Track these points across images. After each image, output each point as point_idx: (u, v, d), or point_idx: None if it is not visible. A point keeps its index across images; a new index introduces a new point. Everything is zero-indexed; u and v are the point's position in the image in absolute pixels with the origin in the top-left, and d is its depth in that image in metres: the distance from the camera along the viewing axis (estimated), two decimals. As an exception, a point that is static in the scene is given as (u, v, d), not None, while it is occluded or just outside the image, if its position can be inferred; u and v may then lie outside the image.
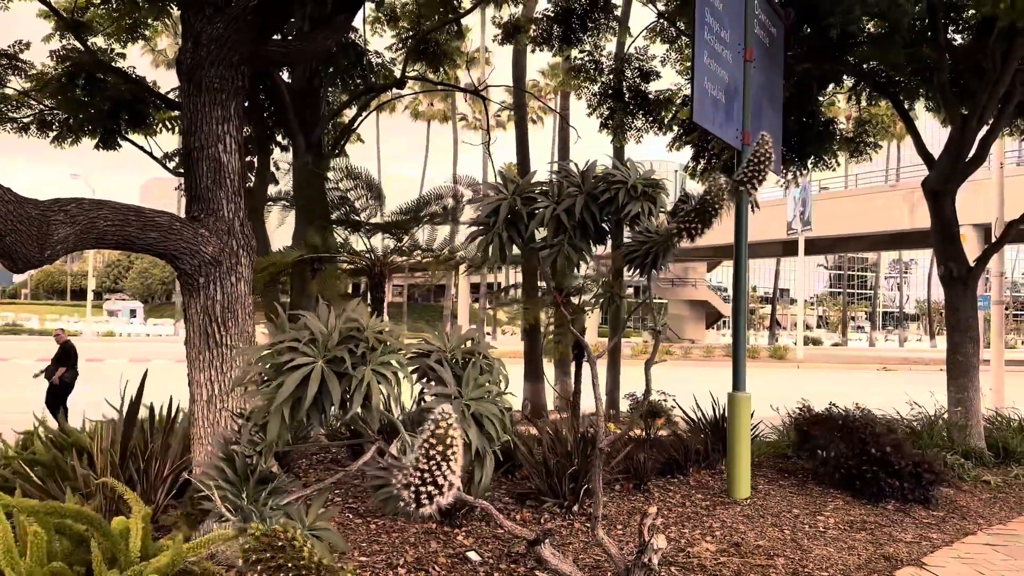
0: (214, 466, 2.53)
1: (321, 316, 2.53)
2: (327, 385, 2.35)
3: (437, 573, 4.47)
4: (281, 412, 2.34)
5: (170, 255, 4.25)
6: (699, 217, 3.06)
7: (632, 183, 3.31)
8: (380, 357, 2.46)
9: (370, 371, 2.42)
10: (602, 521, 5.69)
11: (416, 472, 2.12)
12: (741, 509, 6.32)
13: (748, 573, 4.82)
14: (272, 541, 2.18)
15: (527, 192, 3.52)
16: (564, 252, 3.45)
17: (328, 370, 2.39)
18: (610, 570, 4.66)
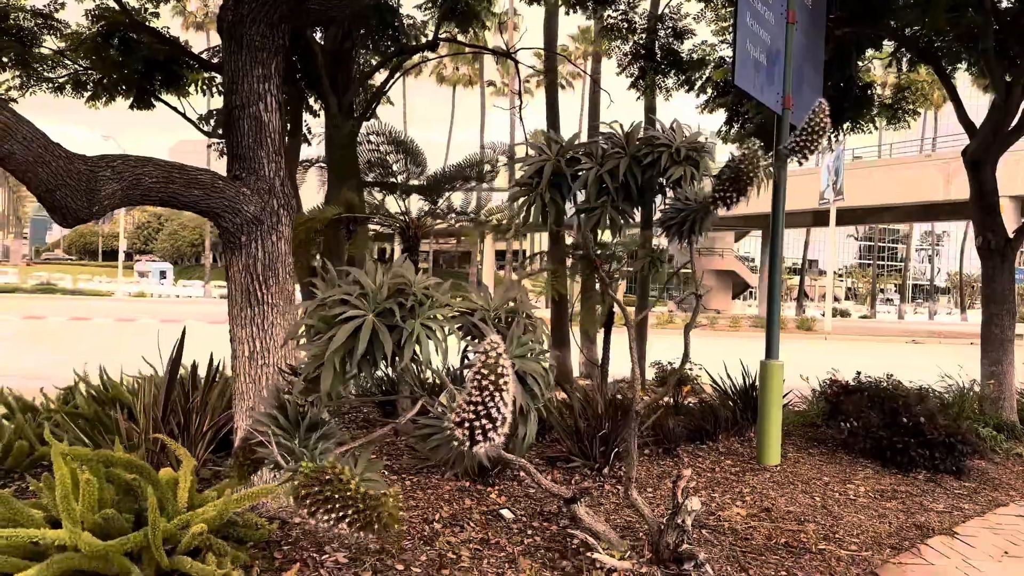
0: (267, 415, 2.58)
1: (369, 272, 2.56)
2: (378, 337, 2.39)
3: (472, 529, 4.54)
4: (333, 363, 2.38)
5: (212, 213, 4.30)
6: (733, 185, 3.03)
7: (676, 147, 3.28)
8: (428, 311, 2.49)
9: (419, 324, 2.45)
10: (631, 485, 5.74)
11: (469, 406, 2.15)
12: (771, 476, 6.34)
13: (779, 537, 4.84)
14: (320, 476, 2.24)
15: (570, 153, 3.51)
16: (607, 214, 3.45)
17: (379, 323, 2.42)
18: (642, 531, 4.72)
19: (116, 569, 3.33)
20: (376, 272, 2.55)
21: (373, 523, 2.29)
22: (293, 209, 4.66)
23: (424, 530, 4.45)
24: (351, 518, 2.25)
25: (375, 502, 2.28)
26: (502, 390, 2.10)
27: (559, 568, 4.06)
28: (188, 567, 3.33)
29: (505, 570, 4.00)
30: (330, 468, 2.23)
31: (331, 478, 2.22)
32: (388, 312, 2.44)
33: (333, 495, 2.21)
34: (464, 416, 2.16)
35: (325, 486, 2.22)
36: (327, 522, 2.25)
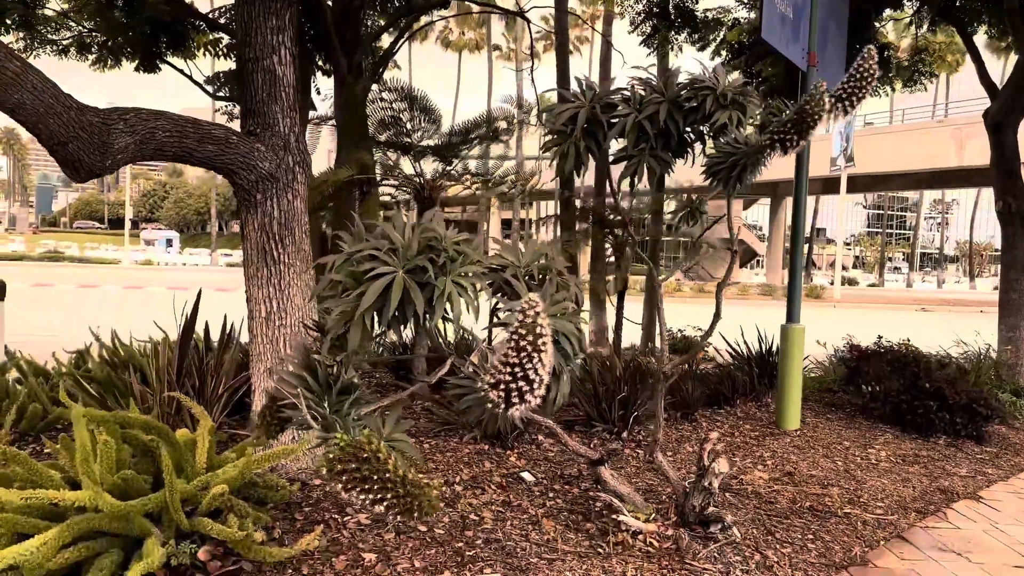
0: (295, 375, 2.49)
1: (398, 226, 2.45)
2: (409, 295, 2.29)
3: (493, 492, 4.48)
4: (363, 321, 2.29)
5: (227, 169, 4.19)
6: (796, 128, 2.90)
7: (721, 90, 3.14)
8: (459, 268, 2.39)
9: (450, 281, 2.35)
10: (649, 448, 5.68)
11: (505, 368, 2.05)
12: (791, 440, 6.27)
13: (803, 501, 4.78)
14: (357, 452, 2.15)
15: (606, 100, 3.38)
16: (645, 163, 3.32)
17: (410, 280, 2.32)
18: (664, 495, 4.66)
19: (136, 530, 3.27)
20: (405, 227, 2.44)
21: (413, 510, 2.21)
22: (308, 167, 4.54)
23: (445, 492, 4.39)
24: (390, 502, 2.17)
25: (417, 489, 2.20)
26: (540, 351, 2.00)
27: (583, 530, 4.01)
28: (208, 528, 3.27)
29: (528, 531, 3.95)
30: (367, 445, 2.14)
31: (369, 456, 2.13)
32: (419, 269, 2.34)
33: (371, 475, 2.13)
34: (499, 378, 2.06)
35: (363, 464, 2.13)
36: (363, 502, 2.17)
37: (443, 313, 2.32)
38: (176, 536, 3.39)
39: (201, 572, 3.38)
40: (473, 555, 3.63)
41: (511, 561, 3.58)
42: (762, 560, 3.87)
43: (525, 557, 3.64)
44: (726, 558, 3.81)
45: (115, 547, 3.26)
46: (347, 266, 2.38)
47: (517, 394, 2.07)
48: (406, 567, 3.48)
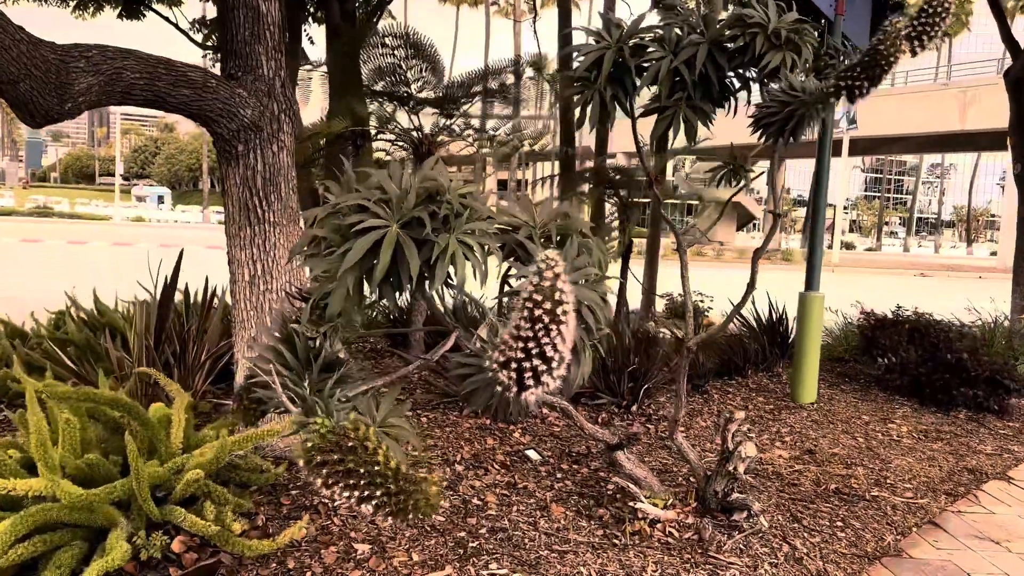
0: (271, 348, 2.12)
1: (394, 173, 2.06)
2: (403, 253, 1.90)
3: (496, 472, 4.15)
4: (347, 284, 1.91)
5: (204, 116, 3.77)
6: (867, 72, 2.50)
7: (774, 27, 2.73)
8: (465, 224, 2.00)
9: (454, 239, 1.96)
10: (660, 423, 5.35)
11: (517, 343, 1.68)
12: (808, 414, 5.95)
13: (828, 483, 4.46)
14: (341, 440, 1.79)
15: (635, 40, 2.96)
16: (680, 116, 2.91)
17: (404, 235, 1.93)
18: (680, 475, 4.33)
19: (101, 520, 2.92)
20: (402, 174, 2.05)
21: (407, 510, 1.86)
22: (296, 116, 4.12)
23: (446, 473, 4.06)
24: (379, 500, 1.81)
25: (411, 485, 1.83)
26: (560, 322, 1.63)
27: (595, 517, 3.68)
28: (181, 519, 2.92)
29: (537, 518, 3.62)
30: (352, 431, 1.78)
31: (355, 445, 1.77)
32: (416, 223, 1.95)
33: (357, 468, 1.77)
34: (510, 355, 1.69)
35: (347, 455, 1.77)
36: (347, 499, 1.82)
37: (445, 278, 1.93)
38: (147, 526, 3.05)
39: (175, 565, 3.04)
40: (477, 546, 3.30)
41: (519, 554, 3.25)
42: (790, 551, 3.56)
43: (534, 549, 3.31)
44: (753, 550, 3.49)
45: (78, 539, 2.91)
46: (332, 219, 1.99)
47: (532, 375, 1.70)
48: (403, 560, 3.15)
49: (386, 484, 1.81)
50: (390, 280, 1.98)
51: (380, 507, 1.83)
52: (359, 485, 1.79)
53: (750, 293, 3.51)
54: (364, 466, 1.78)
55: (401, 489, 1.83)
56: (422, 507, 1.86)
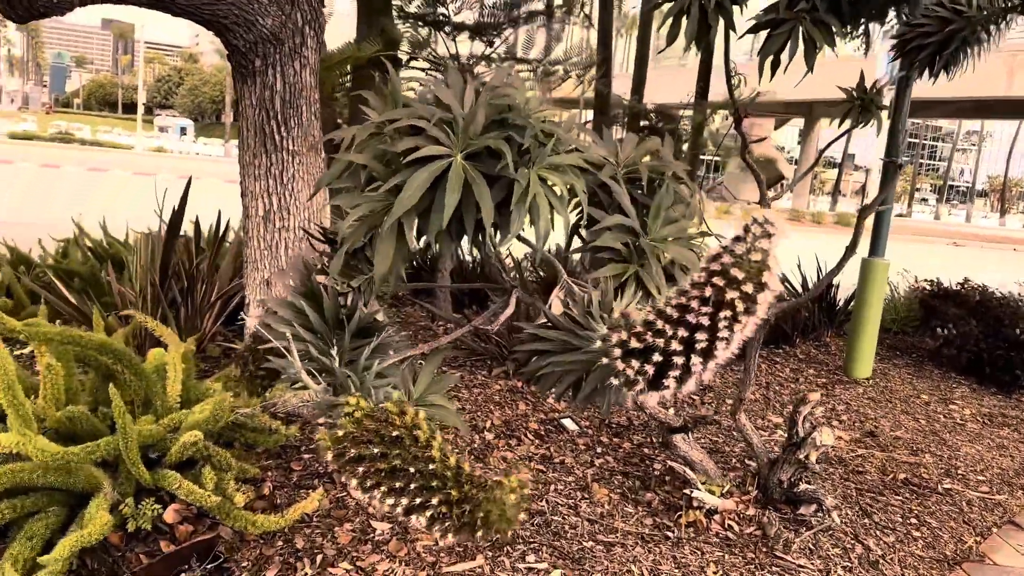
0: (289, 304, 1.67)
1: (453, 84, 1.57)
2: (473, 192, 1.43)
3: (530, 442, 3.73)
4: (397, 231, 1.44)
5: (218, 23, 3.27)
6: None
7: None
8: (549, 158, 1.52)
9: (536, 176, 1.49)
10: (706, 394, 4.91)
11: (675, 329, 1.23)
12: (863, 391, 5.49)
13: (896, 472, 4.02)
14: (382, 429, 1.35)
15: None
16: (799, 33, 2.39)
17: (472, 169, 1.46)
18: (735, 456, 3.90)
19: (83, 484, 2.53)
20: (466, 89, 1.57)
21: (475, 524, 1.43)
22: (322, 29, 3.61)
23: (474, 441, 3.64)
24: (436, 510, 1.39)
25: (480, 491, 1.41)
26: (752, 313, 1.19)
27: (643, 502, 3.26)
28: (176, 486, 2.52)
29: (578, 501, 3.20)
30: (397, 415, 1.35)
31: (401, 435, 1.34)
32: (487, 153, 1.47)
33: (405, 467, 1.34)
34: (655, 343, 1.25)
35: (391, 448, 1.34)
36: (391, 508, 1.40)
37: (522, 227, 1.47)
38: (137, 491, 2.65)
39: (167, 538, 2.65)
40: (512, 533, 2.88)
41: (559, 544, 2.84)
42: (864, 553, 3.13)
43: (576, 539, 2.90)
44: (823, 550, 3.06)
45: (55, 504, 2.52)
46: (374, 143, 1.52)
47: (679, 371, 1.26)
48: (428, 545, 2.74)
49: (445, 489, 1.37)
50: (449, 228, 1.51)
51: (437, 520, 1.40)
52: (408, 490, 1.36)
53: (849, 256, 3.02)
54: (414, 464, 1.35)
55: (466, 496, 1.39)
56: (495, 521, 1.43)
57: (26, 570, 2.26)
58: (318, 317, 1.66)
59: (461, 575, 2.59)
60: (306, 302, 1.67)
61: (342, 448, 1.38)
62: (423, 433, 1.38)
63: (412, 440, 1.37)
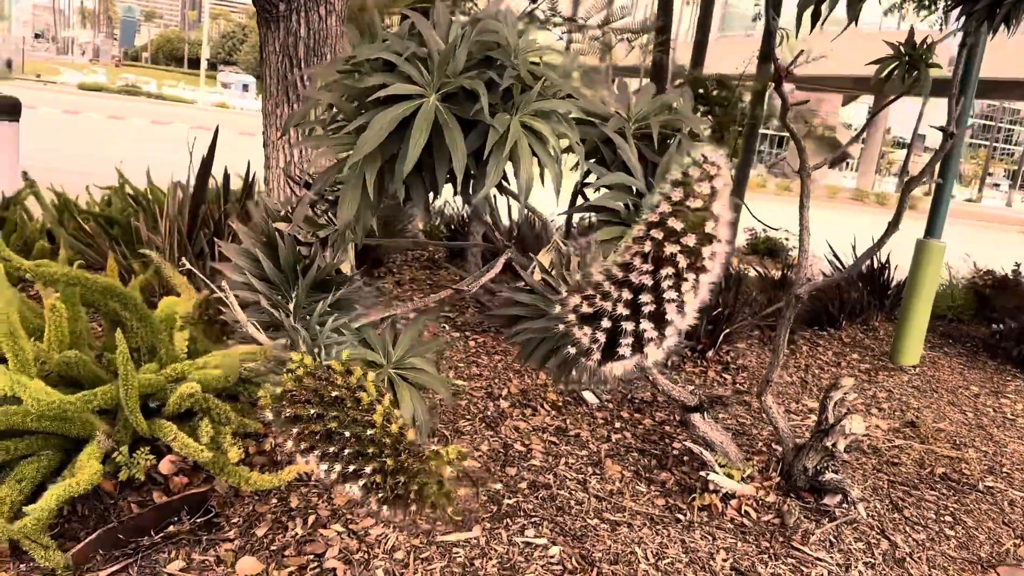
0: (244, 252, 1.57)
1: (439, 20, 1.43)
2: (444, 137, 1.30)
3: (546, 413, 3.62)
4: (362, 177, 1.32)
5: (241, -35, 3.17)
6: None
7: None
8: (536, 103, 1.38)
9: (517, 123, 1.34)
10: (738, 374, 4.73)
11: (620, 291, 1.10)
12: (909, 379, 5.23)
13: (934, 465, 3.80)
14: (321, 388, 1.25)
15: None
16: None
17: (446, 112, 1.33)
18: (760, 439, 3.73)
19: (78, 430, 2.50)
20: (449, 23, 1.43)
21: (407, 497, 1.33)
22: (352, -25, 3.49)
23: (488, 409, 3.54)
24: (368, 479, 1.29)
25: (417, 462, 1.30)
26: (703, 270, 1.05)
27: (657, 482, 3.12)
28: (171, 437, 2.47)
29: (588, 475, 3.08)
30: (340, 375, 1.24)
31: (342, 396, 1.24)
32: (465, 95, 1.34)
33: (340, 430, 1.24)
34: (603, 307, 1.11)
35: (328, 409, 1.24)
36: (327, 473, 1.30)
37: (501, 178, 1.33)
38: (135, 440, 2.62)
39: (161, 489, 2.61)
40: (514, 505, 2.78)
41: (562, 520, 2.73)
42: (890, 549, 2.95)
43: (581, 515, 2.78)
44: (845, 543, 2.90)
45: (50, 448, 2.50)
46: (345, 80, 1.40)
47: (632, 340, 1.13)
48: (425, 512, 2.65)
49: (381, 457, 1.26)
50: (422, 175, 1.38)
51: (371, 489, 1.30)
52: (341, 455, 1.26)
53: (891, 233, 2.80)
54: (351, 428, 1.24)
55: (401, 466, 1.28)
56: (430, 495, 1.32)
57: (12, 513, 2.24)
58: (272, 266, 1.56)
59: (455, 544, 2.50)
60: (261, 250, 1.57)
61: (280, 404, 1.28)
62: (367, 396, 1.27)
63: (354, 402, 1.26)
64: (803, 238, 2.84)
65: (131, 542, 2.36)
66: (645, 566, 2.54)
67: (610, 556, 2.56)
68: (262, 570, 2.30)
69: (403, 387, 1.63)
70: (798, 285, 2.91)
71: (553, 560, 2.49)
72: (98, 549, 2.31)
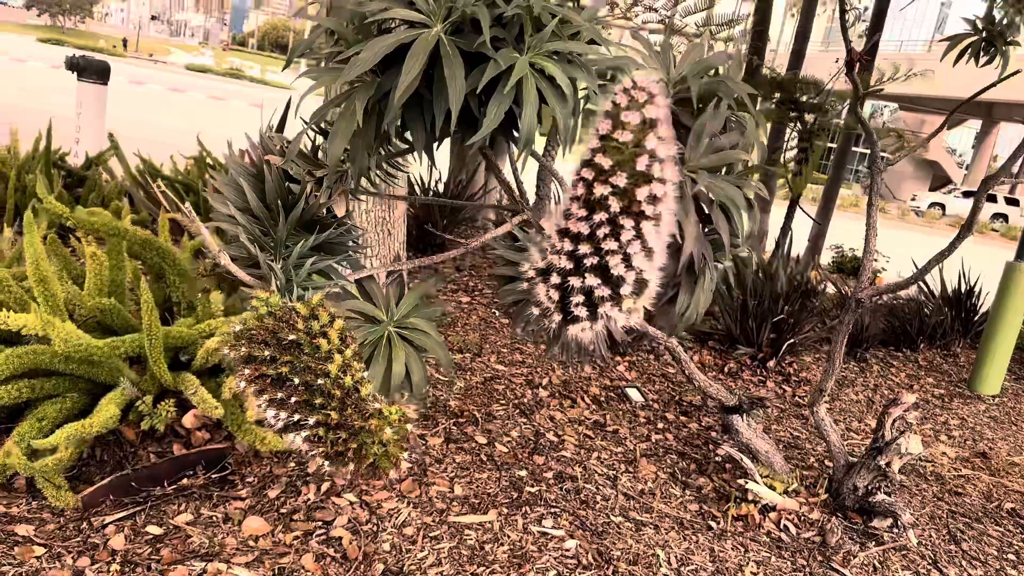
0: (232, 183, 1.51)
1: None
2: (442, 69, 1.20)
3: (585, 407, 3.49)
4: (353, 108, 1.24)
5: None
6: None
7: None
8: (550, 43, 1.27)
9: (525, 61, 1.24)
10: (799, 387, 4.49)
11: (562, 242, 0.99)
12: (986, 408, 4.88)
13: (1002, 499, 3.51)
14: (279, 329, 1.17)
15: None
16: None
17: (449, 43, 1.23)
18: (813, 455, 3.51)
19: (105, 375, 2.50)
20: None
21: (346, 455, 1.24)
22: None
23: (525, 396, 3.44)
24: (311, 432, 1.21)
25: (360, 419, 1.21)
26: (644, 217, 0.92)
27: (693, 486, 2.96)
28: (192, 391, 2.45)
29: (619, 473, 2.94)
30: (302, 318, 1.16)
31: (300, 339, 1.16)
32: (474, 28, 1.24)
33: (290, 376, 1.16)
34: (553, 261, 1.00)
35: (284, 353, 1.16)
36: (274, 420, 1.22)
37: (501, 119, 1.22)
38: (162, 392, 2.62)
39: (182, 442, 2.61)
40: (535, 493, 2.67)
41: (584, 514, 2.60)
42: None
43: (605, 511, 2.65)
44: (890, 570, 2.68)
45: (75, 391, 2.51)
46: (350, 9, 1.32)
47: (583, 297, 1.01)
48: (441, 491, 2.58)
49: (326, 409, 1.18)
50: (418, 111, 1.29)
51: (312, 442, 1.22)
52: (288, 403, 1.18)
53: (962, 239, 2.58)
54: (302, 375, 1.16)
55: (344, 422, 1.19)
56: (371, 455, 1.23)
57: (31, 450, 2.26)
58: (257, 200, 1.49)
59: (467, 526, 2.40)
60: (247, 181, 1.51)
61: (237, 342, 1.21)
62: (326, 343, 1.19)
63: (312, 349, 1.18)
64: (869, 237, 2.64)
65: (143, 491, 2.35)
66: (666, 570, 2.39)
67: (630, 556, 2.42)
68: (268, 531, 2.26)
69: (399, 345, 1.54)
70: (859, 288, 2.71)
71: (568, 553, 2.37)
72: (109, 494, 2.30)
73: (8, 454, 2.16)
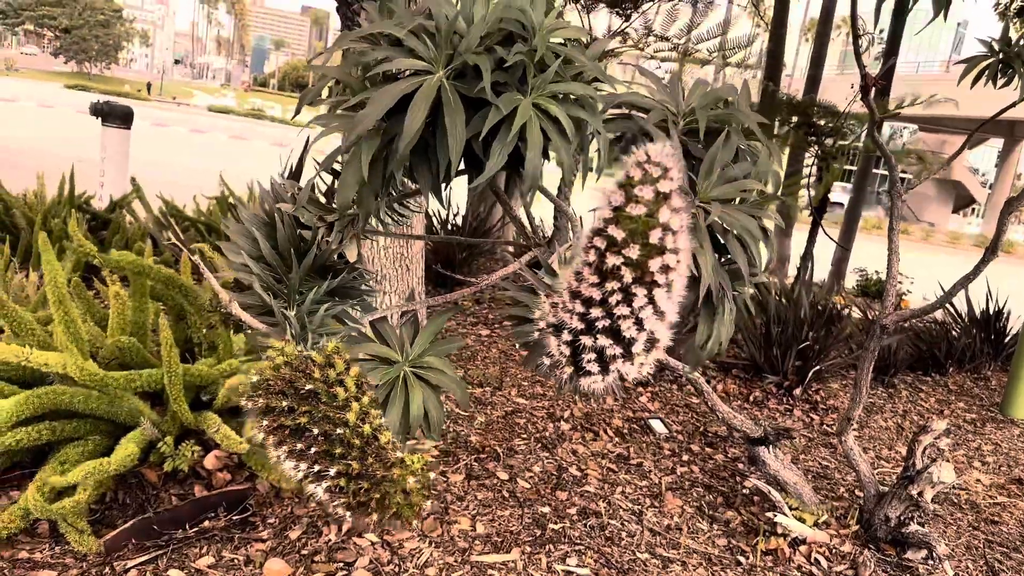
0: (244, 231, 1.52)
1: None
2: (443, 116, 1.20)
3: (608, 439, 3.45)
4: (360, 156, 1.24)
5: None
6: None
7: None
8: (553, 85, 1.27)
9: (530, 103, 1.24)
10: (827, 415, 4.42)
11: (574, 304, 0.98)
12: (1021, 433, 4.77)
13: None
14: (296, 380, 1.17)
15: None
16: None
17: (452, 89, 1.23)
18: (843, 485, 3.44)
19: (125, 415, 2.51)
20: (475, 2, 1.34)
21: (369, 505, 1.22)
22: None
23: (547, 429, 3.40)
24: (332, 482, 1.19)
25: (382, 469, 1.20)
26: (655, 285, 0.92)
27: (720, 520, 2.90)
28: (214, 429, 2.45)
29: (644, 508, 2.89)
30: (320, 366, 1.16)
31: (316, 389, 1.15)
32: (476, 74, 1.24)
33: (310, 426, 1.15)
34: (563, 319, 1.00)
35: (301, 403, 1.15)
36: (294, 471, 1.21)
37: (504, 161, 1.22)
38: (184, 433, 2.62)
39: (204, 483, 2.60)
40: (559, 530, 2.63)
41: (609, 551, 2.56)
42: (980, 617, 2.63)
43: (631, 548, 2.60)
44: (926, 605, 2.60)
45: (96, 433, 2.52)
46: (356, 58, 1.33)
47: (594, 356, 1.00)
48: (464, 528, 2.55)
49: (347, 459, 1.16)
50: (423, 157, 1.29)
51: (334, 492, 1.20)
52: (307, 454, 1.17)
53: (987, 262, 2.53)
54: (320, 425, 1.15)
55: (366, 471, 1.18)
56: (394, 505, 1.21)
57: (53, 495, 2.26)
58: (269, 247, 1.50)
59: (490, 565, 2.37)
60: (259, 230, 1.51)
61: (256, 394, 1.20)
62: (343, 392, 1.18)
63: (329, 397, 1.17)
64: (891, 262, 2.60)
65: (165, 534, 2.34)
66: (694, 608, 2.34)
67: (657, 594, 2.38)
68: (289, 574, 2.24)
69: (416, 385, 1.53)
70: (884, 314, 2.66)
71: (593, 592, 2.33)
72: (131, 538, 2.30)
73: (26, 499, 2.16)
